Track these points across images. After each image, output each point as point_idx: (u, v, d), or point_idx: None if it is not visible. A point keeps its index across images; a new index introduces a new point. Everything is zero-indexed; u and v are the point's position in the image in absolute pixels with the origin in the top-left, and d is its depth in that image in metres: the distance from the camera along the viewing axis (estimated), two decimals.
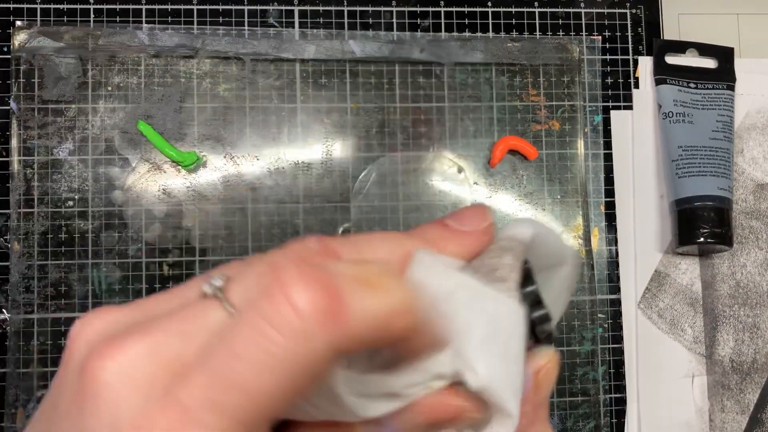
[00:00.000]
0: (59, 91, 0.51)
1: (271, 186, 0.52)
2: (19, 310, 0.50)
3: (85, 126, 0.52)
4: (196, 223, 0.52)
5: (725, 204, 0.52)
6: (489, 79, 0.55)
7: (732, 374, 0.54)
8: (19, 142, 0.51)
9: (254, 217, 0.52)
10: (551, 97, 0.55)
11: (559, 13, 0.56)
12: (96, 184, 0.51)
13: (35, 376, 0.49)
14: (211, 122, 0.52)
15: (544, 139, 0.55)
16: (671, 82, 0.55)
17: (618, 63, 0.56)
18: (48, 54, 0.51)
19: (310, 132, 0.53)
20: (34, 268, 0.50)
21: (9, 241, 0.50)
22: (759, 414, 0.53)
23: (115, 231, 0.51)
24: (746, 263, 0.55)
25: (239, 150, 0.52)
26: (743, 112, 0.56)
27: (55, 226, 0.51)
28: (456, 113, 0.54)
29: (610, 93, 0.56)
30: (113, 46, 0.52)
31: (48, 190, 0.51)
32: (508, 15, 0.56)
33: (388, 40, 0.54)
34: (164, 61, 0.52)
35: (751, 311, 0.54)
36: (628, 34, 0.57)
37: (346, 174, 0.53)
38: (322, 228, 0.52)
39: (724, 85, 0.55)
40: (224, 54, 0.52)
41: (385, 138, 0.54)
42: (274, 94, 0.53)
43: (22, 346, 0.50)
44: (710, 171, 0.53)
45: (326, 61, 0.54)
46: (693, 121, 0.54)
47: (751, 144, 0.56)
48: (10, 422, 0.49)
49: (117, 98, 0.52)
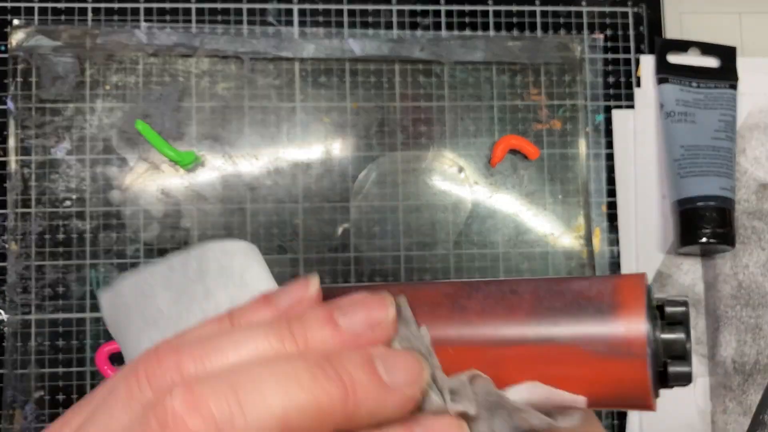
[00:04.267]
0: (57, 90, 0.51)
1: (270, 186, 0.52)
2: (16, 311, 0.49)
3: (82, 125, 0.51)
4: (194, 223, 0.51)
5: (727, 204, 0.52)
6: (490, 78, 0.54)
7: (734, 375, 0.53)
8: (17, 141, 0.51)
9: (253, 217, 0.52)
10: (552, 96, 0.55)
11: (560, 11, 0.56)
12: (94, 184, 0.51)
13: (33, 378, 0.49)
14: (209, 121, 0.52)
15: (546, 139, 0.54)
16: (673, 82, 0.55)
17: (620, 62, 0.56)
18: (45, 53, 0.51)
19: (310, 131, 0.53)
20: (32, 269, 0.50)
21: (6, 241, 0.50)
22: (761, 415, 0.53)
23: (113, 231, 0.51)
24: (749, 264, 0.54)
25: (238, 149, 0.52)
26: (746, 112, 0.56)
27: (53, 226, 0.50)
28: (456, 112, 0.54)
29: (611, 92, 0.56)
30: (111, 45, 0.52)
31: (45, 190, 0.51)
32: (509, 13, 0.55)
33: (388, 38, 0.54)
34: (162, 60, 0.52)
35: (753, 312, 0.54)
36: (630, 33, 0.56)
37: (346, 174, 0.53)
38: (321, 228, 0.52)
39: (726, 85, 0.55)
40: (223, 53, 0.52)
41: (385, 137, 0.53)
42: (273, 93, 0.53)
43: (19, 347, 0.49)
44: (712, 171, 0.52)
45: (326, 59, 0.53)
46: (695, 120, 0.54)
47: (753, 144, 0.56)
48: (8, 423, 0.49)
49: (115, 97, 0.52)
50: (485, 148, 0.54)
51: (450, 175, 0.54)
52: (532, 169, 0.54)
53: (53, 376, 0.49)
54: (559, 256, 0.53)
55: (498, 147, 0.53)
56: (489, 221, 0.53)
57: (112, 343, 0.49)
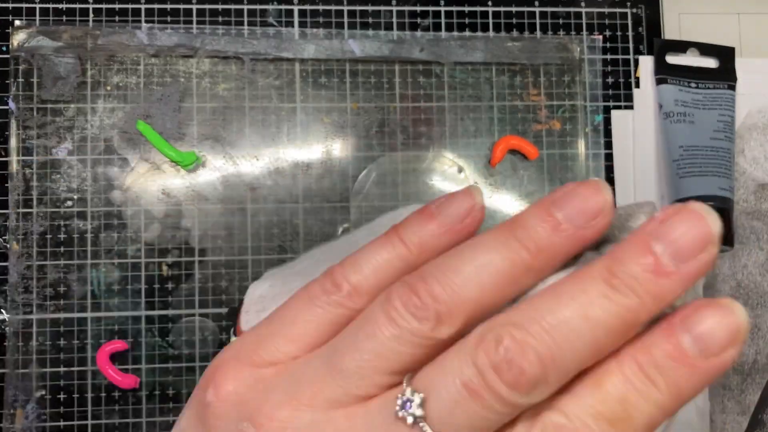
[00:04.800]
0: (58, 90, 0.51)
1: (270, 186, 0.52)
2: (18, 310, 0.50)
3: (84, 126, 0.51)
4: (195, 223, 0.52)
5: (726, 204, 0.52)
6: (489, 78, 0.55)
7: (733, 375, 0.53)
8: (18, 142, 0.51)
9: (254, 217, 0.52)
10: (552, 96, 0.55)
11: (559, 12, 0.56)
12: (95, 184, 0.51)
13: (34, 377, 0.49)
14: (210, 122, 0.52)
15: (545, 139, 0.54)
16: (672, 82, 0.55)
17: (619, 62, 0.56)
18: (47, 53, 0.51)
19: (310, 132, 0.53)
20: (33, 269, 0.50)
21: (8, 241, 0.50)
22: (760, 415, 0.53)
23: (114, 231, 0.51)
24: (747, 263, 0.54)
25: (238, 150, 0.52)
26: (744, 112, 0.56)
27: (54, 226, 0.51)
28: (456, 113, 0.54)
29: (610, 93, 0.56)
30: (112, 46, 0.52)
31: (47, 190, 0.51)
32: (509, 14, 0.56)
33: (388, 39, 0.54)
34: (163, 61, 0.52)
35: (752, 312, 0.54)
36: (628, 34, 0.57)
37: (346, 174, 0.53)
38: (321, 228, 0.52)
39: (725, 85, 0.55)
40: (223, 53, 0.52)
41: (385, 138, 0.54)
42: (273, 94, 0.53)
43: (21, 346, 0.49)
44: (711, 171, 0.53)
45: (326, 60, 0.53)
46: (694, 121, 0.54)
47: (752, 144, 0.56)
48: (9, 423, 0.49)
49: (116, 98, 0.52)
50: (485, 149, 0.54)
51: (450, 175, 0.54)
52: (531, 169, 0.54)
53: (54, 375, 0.49)
54: None
55: (498, 147, 0.53)
56: (489, 221, 0.54)
57: (113, 343, 0.49)
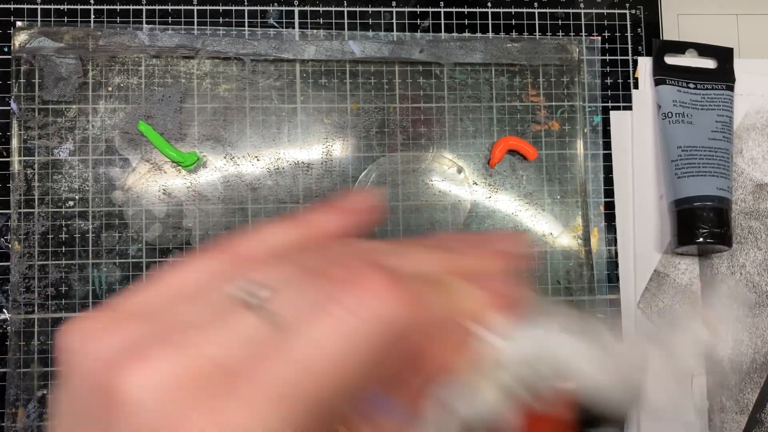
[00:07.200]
0: (60, 91, 0.52)
1: (271, 186, 0.53)
2: (19, 310, 0.50)
3: (85, 126, 0.52)
4: (196, 223, 0.52)
5: (724, 204, 0.52)
6: (489, 79, 0.55)
7: (731, 374, 0.54)
8: (20, 142, 0.51)
9: (254, 217, 0.52)
10: (551, 97, 0.55)
11: (558, 13, 0.56)
12: (96, 185, 0.51)
13: (36, 376, 0.50)
14: (211, 122, 0.53)
15: (544, 140, 0.55)
16: (670, 83, 0.55)
17: (617, 63, 0.56)
18: (48, 54, 0.51)
19: (310, 132, 0.53)
20: (35, 268, 0.50)
21: (9, 241, 0.50)
22: (758, 414, 0.54)
23: (115, 231, 0.51)
24: (745, 263, 0.55)
25: (239, 150, 0.53)
26: (742, 113, 0.56)
27: (56, 226, 0.51)
28: (456, 113, 0.54)
29: (609, 93, 0.56)
30: (113, 47, 0.52)
31: (48, 191, 0.51)
32: (508, 15, 0.56)
33: (388, 40, 0.54)
34: (164, 62, 0.53)
35: (750, 311, 0.54)
36: (627, 35, 0.57)
37: (346, 174, 0.53)
38: None
39: (723, 86, 0.55)
40: (224, 54, 0.53)
41: (385, 138, 0.54)
42: (274, 95, 0.53)
43: (22, 346, 0.50)
44: (709, 171, 0.53)
45: (326, 61, 0.54)
46: (692, 121, 0.54)
47: (750, 144, 0.56)
48: (11, 422, 0.49)
49: (117, 99, 0.52)
50: (484, 149, 0.54)
51: (449, 175, 0.54)
52: (530, 169, 0.54)
53: (56, 374, 0.50)
54: (558, 256, 0.54)
55: (497, 148, 0.53)
56: (488, 221, 0.54)
57: None
